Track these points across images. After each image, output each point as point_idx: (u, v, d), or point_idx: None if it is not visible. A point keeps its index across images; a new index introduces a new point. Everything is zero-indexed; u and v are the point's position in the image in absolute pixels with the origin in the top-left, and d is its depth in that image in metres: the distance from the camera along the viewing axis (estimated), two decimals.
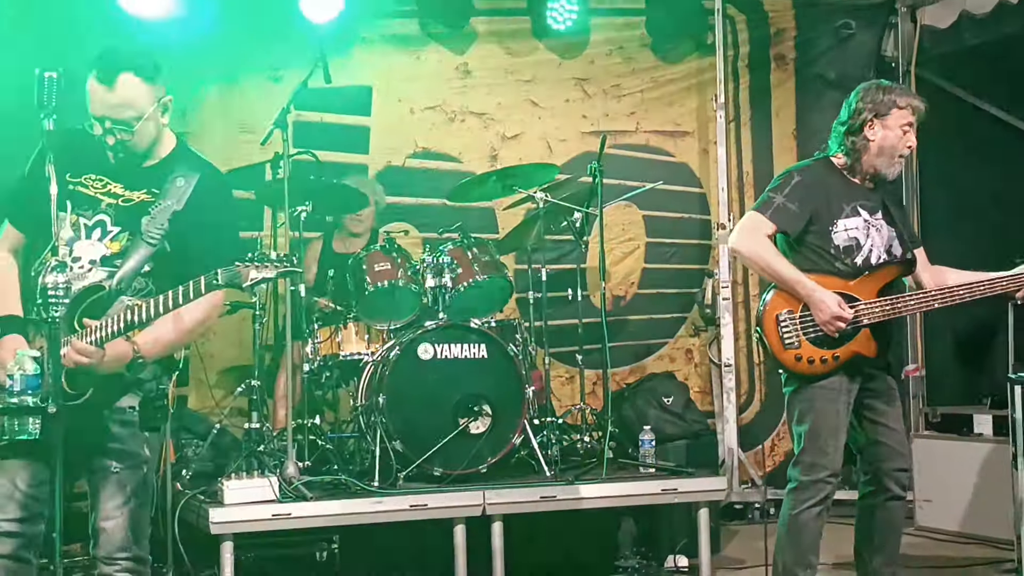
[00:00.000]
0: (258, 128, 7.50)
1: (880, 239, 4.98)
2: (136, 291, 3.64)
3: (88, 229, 3.67)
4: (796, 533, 4.92)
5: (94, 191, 3.69)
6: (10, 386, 3.39)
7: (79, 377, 3.49)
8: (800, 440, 4.96)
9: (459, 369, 6.26)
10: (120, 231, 3.63)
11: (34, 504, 3.64)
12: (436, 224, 7.81)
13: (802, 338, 4.86)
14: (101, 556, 3.71)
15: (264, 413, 6.67)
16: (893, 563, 5.13)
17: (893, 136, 4.93)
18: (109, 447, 3.66)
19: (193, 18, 7.53)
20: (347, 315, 6.68)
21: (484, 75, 8.42)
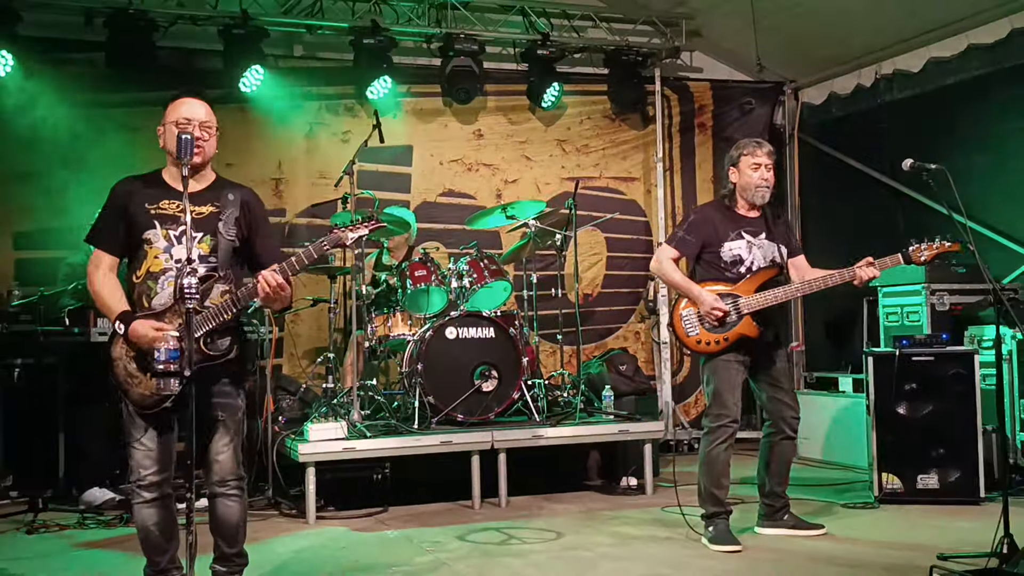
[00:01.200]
0: (331, 175, 7.56)
1: (761, 253, 4.96)
2: (228, 282, 3.61)
3: (177, 238, 3.59)
4: (711, 464, 4.91)
5: (172, 211, 3.60)
6: (157, 356, 3.37)
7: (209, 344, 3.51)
8: (709, 397, 4.97)
9: (475, 345, 6.28)
10: (203, 235, 3.57)
11: (165, 456, 3.63)
12: (458, 243, 7.85)
13: (700, 327, 4.87)
14: (216, 480, 3.68)
15: (336, 377, 6.65)
16: (783, 483, 5.12)
17: (746, 175, 4.95)
18: (218, 402, 3.64)
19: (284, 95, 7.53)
20: (395, 307, 6.67)
21: (492, 137, 8.41)
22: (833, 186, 8.45)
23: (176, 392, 3.36)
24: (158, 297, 3.55)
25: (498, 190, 8.37)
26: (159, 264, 3.58)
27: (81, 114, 6.89)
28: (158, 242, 3.58)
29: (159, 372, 3.34)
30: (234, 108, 7.37)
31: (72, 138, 6.87)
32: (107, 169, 6.60)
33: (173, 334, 3.37)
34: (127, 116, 7.12)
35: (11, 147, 6.87)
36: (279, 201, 7.70)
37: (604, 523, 5.51)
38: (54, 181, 6.83)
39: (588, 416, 6.56)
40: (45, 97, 6.86)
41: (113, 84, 7.00)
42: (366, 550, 4.98)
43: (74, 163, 6.79)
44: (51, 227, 6.86)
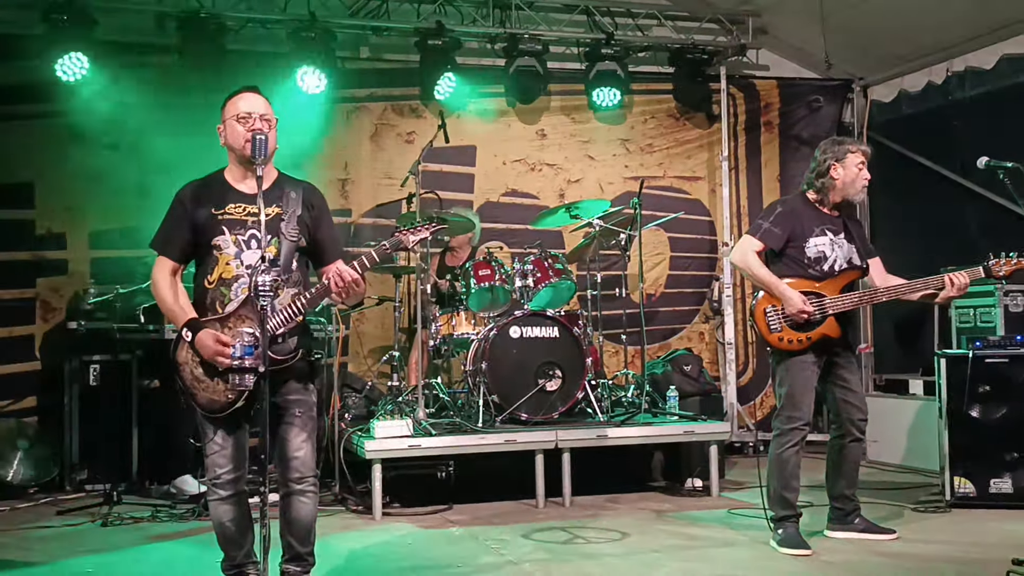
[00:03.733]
0: (396, 175, 7.64)
1: (842, 252, 4.90)
2: (294, 282, 3.61)
3: (246, 243, 3.60)
4: (781, 466, 4.85)
5: (239, 215, 3.61)
6: (233, 352, 3.43)
7: (281, 344, 3.53)
8: (781, 398, 4.90)
9: (538, 345, 6.29)
10: (271, 238, 3.54)
11: (239, 454, 3.68)
12: (521, 242, 7.88)
13: (783, 324, 4.81)
14: (294, 478, 3.68)
15: (401, 375, 6.73)
16: (853, 486, 5.05)
17: (852, 173, 4.88)
18: (293, 399, 3.66)
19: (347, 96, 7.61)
20: (460, 306, 6.71)
21: (555, 137, 8.42)
22: (903, 186, 8.28)
23: (251, 388, 3.42)
24: (233, 303, 3.57)
25: (561, 190, 8.37)
26: (231, 271, 3.60)
27: (155, 115, 7.04)
28: (228, 248, 3.60)
29: (235, 368, 3.41)
30: (300, 107, 7.47)
31: (146, 139, 7.02)
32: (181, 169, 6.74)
33: (248, 330, 3.43)
34: (199, 117, 7.24)
35: (88, 148, 7.06)
36: (345, 202, 7.79)
37: (670, 524, 5.48)
38: (130, 181, 7.00)
39: (652, 417, 6.54)
40: (120, 98, 7.02)
41: (185, 85, 7.14)
42: (432, 547, 5.03)
43: (149, 163, 6.94)
44: (127, 226, 7.02)
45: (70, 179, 7.10)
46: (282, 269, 3.53)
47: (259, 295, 3.36)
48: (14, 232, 7.09)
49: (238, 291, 3.58)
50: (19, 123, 7.06)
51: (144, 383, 6.65)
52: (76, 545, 5.11)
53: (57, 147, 7.07)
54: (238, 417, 3.62)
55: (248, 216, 3.61)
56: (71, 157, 7.08)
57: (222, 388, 3.52)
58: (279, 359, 3.51)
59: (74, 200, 7.15)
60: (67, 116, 7.02)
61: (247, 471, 3.74)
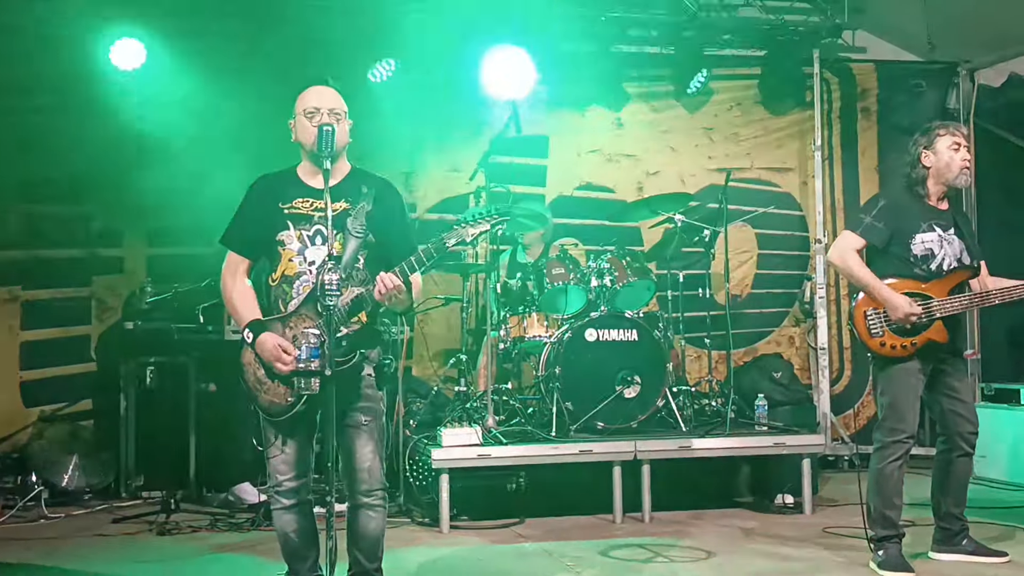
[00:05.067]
0: (463, 168, 7.67)
1: (952, 250, 4.77)
2: (359, 280, 3.61)
3: (311, 238, 3.64)
4: (883, 482, 4.75)
5: (305, 210, 3.66)
6: (299, 355, 3.46)
7: (344, 346, 3.55)
8: (883, 408, 4.79)
9: (616, 349, 6.26)
10: (337, 234, 3.56)
11: (302, 461, 3.71)
12: (596, 239, 7.84)
13: (885, 328, 4.70)
14: (362, 491, 3.69)
15: (469, 380, 6.75)
16: (961, 504, 4.91)
17: (946, 156, 4.75)
18: (360, 406, 3.68)
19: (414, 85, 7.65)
20: (531, 307, 6.71)
21: (633, 126, 8.37)
22: (1014, 176, 8.07)
23: (316, 392, 3.45)
24: (294, 302, 3.61)
25: (639, 183, 8.32)
26: (293, 267, 3.64)
27: (214, 107, 7.16)
28: (292, 244, 3.64)
29: (299, 371, 3.44)
30: (364, 98, 7.52)
31: (205, 131, 7.14)
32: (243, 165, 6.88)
33: (314, 331, 3.46)
34: (258, 108, 7.36)
35: (146, 142, 7.19)
36: (409, 196, 7.84)
37: (759, 543, 5.40)
38: (190, 175, 7.13)
39: (739, 427, 6.46)
40: (179, 89, 7.13)
41: (246, 75, 7.25)
42: (503, 564, 5.03)
43: (206, 157, 7.05)
44: (186, 223, 7.14)
45: (127, 173, 7.25)
46: (344, 266, 3.55)
47: (324, 294, 3.38)
48: (69, 229, 7.30)
49: (300, 289, 3.62)
50: (73, 113, 7.21)
51: (202, 386, 6.78)
52: (134, 555, 5.22)
53: (115, 139, 7.21)
54: (301, 423, 3.65)
55: (315, 211, 3.65)
56: (128, 150, 7.22)
57: (283, 391, 3.56)
58: (342, 360, 3.53)
59: (131, 195, 7.29)
60: (123, 107, 7.15)
61: (311, 479, 3.77)
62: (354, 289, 3.56)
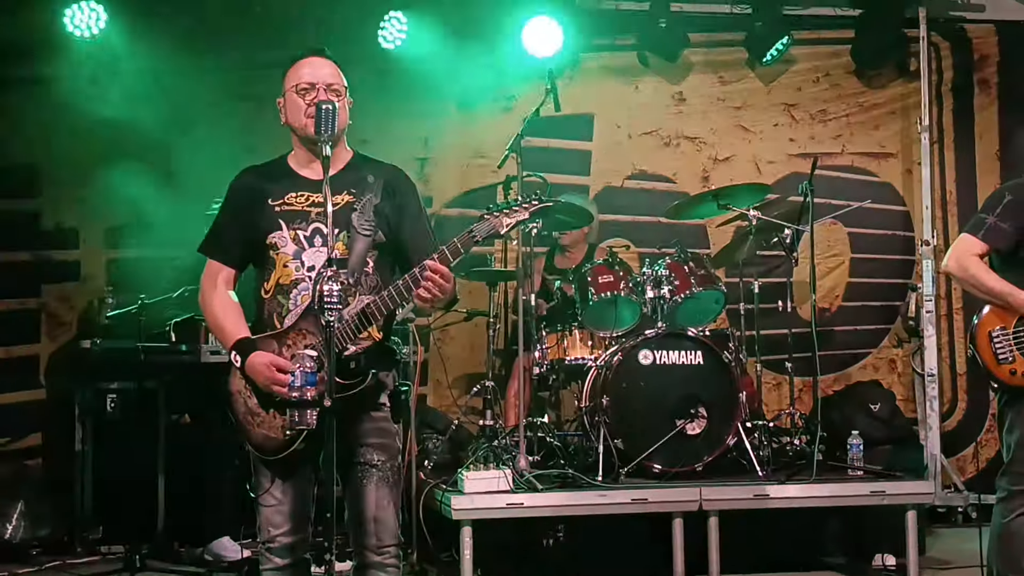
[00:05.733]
0: (490, 153, 7.68)
1: None
2: (369, 287, 3.63)
3: (308, 239, 3.65)
4: (1008, 540, 4.69)
5: (300, 205, 3.67)
6: (292, 381, 3.48)
7: (353, 368, 3.56)
8: (1010, 450, 4.72)
9: (676, 374, 6.25)
10: (338, 232, 3.56)
11: (300, 511, 3.70)
12: (652, 240, 7.86)
13: (1016, 353, 4.64)
14: (372, 546, 3.67)
15: (497, 411, 6.76)
16: None
17: None
18: (372, 442, 3.67)
19: (432, 54, 7.68)
20: (573, 323, 6.71)
21: (698, 102, 8.39)
22: None
23: (314, 427, 3.46)
24: (291, 316, 3.62)
25: (705, 171, 8.33)
26: (289, 275, 3.64)
27: (188, 80, 7.22)
28: (286, 247, 3.65)
29: (293, 401, 3.46)
30: (370, 70, 7.59)
31: (177, 110, 7.20)
32: (222, 148, 6.95)
33: (310, 352, 3.48)
34: (243, 82, 7.45)
35: (104, 121, 7.23)
36: (424, 187, 7.87)
37: None
38: (156, 164, 7.20)
39: (828, 471, 6.40)
40: (144, 60, 7.21)
41: (226, 42, 7.30)
42: None
43: (180, 141, 7.12)
44: (152, 220, 7.20)
45: (83, 161, 7.33)
46: (351, 270, 3.56)
47: (324, 307, 3.39)
48: (14, 227, 7.38)
49: (298, 300, 3.63)
50: (18, 90, 7.33)
51: (173, 418, 6.82)
52: None
53: (67, 121, 7.31)
54: (301, 463, 3.66)
55: (312, 206, 3.67)
56: (84, 132, 7.31)
57: (279, 424, 3.57)
58: (348, 385, 3.54)
59: (88, 187, 7.38)
60: (79, 81, 7.24)
61: (310, 533, 3.78)
62: (363, 298, 3.57)
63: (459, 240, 3.50)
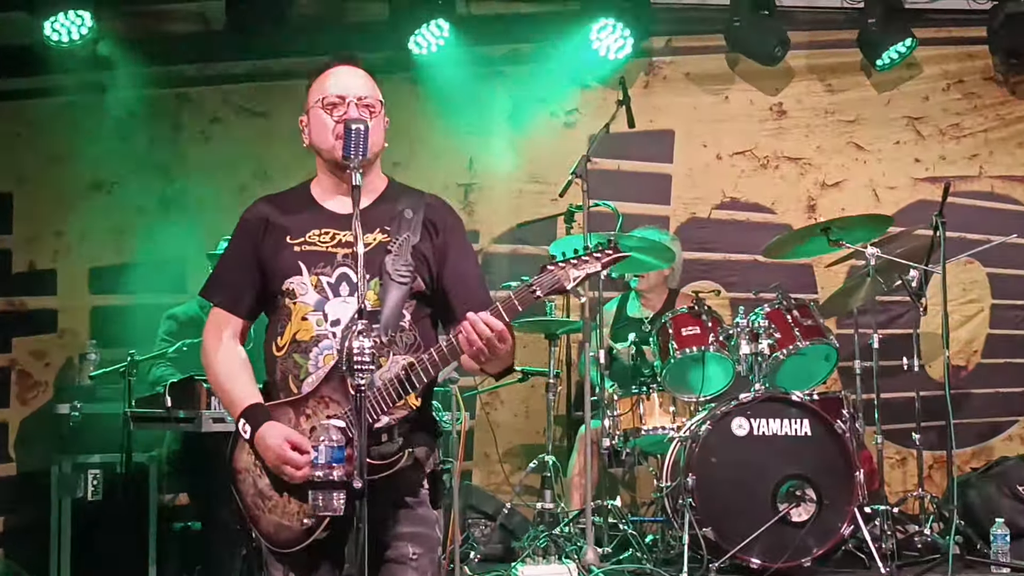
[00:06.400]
0: (548, 178, 7.71)
1: None
2: (405, 345, 3.60)
3: (332, 287, 3.62)
4: None
5: (325, 246, 3.65)
6: (315, 457, 3.45)
7: (385, 443, 3.54)
8: None
9: (779, 447, 6.22)
10: (370, 279, 3.53)
11: None
12: (746, 283, 7.82)
13: None
14: None
15: (558, 492, 6.72)
16: None
17: None
18: (407, 531, 3.64)
19: (476, 58, 7.75)
20: (651, 384, 6.68)
21: (801, 115, 8.38)
22: None
23: (340, 513, 3.44)
24: (311, 379, 3.59)
25: (811, 198, 8.31)
26: (309, 329, 3.62)
27: (187, 95, 7.29)
28: (306, 295, 3.63)
29: (317, 482, 3.44)
30: (402, 80, 7.64)
31: (175, 130, 7.26)
32: (229, 175, 7.00)
33: (336, 423, 3.46)
34: (253, 95, 7.51)
35: (89, 144, 7.34)
36: (469, 219, 7.90)
37: None
38: (149, 193, 7.25)
39: (967, 568, 6.34)
40: (136, 72, 7.30)
41: (233, 50, 7.37)
42: None
43: (179, 166, 7.17)
44: (145, 260, 7.27)
45: (63, 190, 7.41)
46: (385, 326, 3.53)
47: (353, 368, 3.38)
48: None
49: (319, 360, 3.60)
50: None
51: (168, 499, 6.84)
52: None
53: (44, 143, 7.40)
54: (320, 557, 3.63)
55: (338, 247, 3.66)
56: (65, 157, 7.40)
57: (296, 510, 3.56)
58: (380, 464, 3.53)
59: (69, 221, 7.46)
60: (59, 96, 7.35)
61: None
62: (398, 358, 3.57)
63: (516, 296, 3.45)
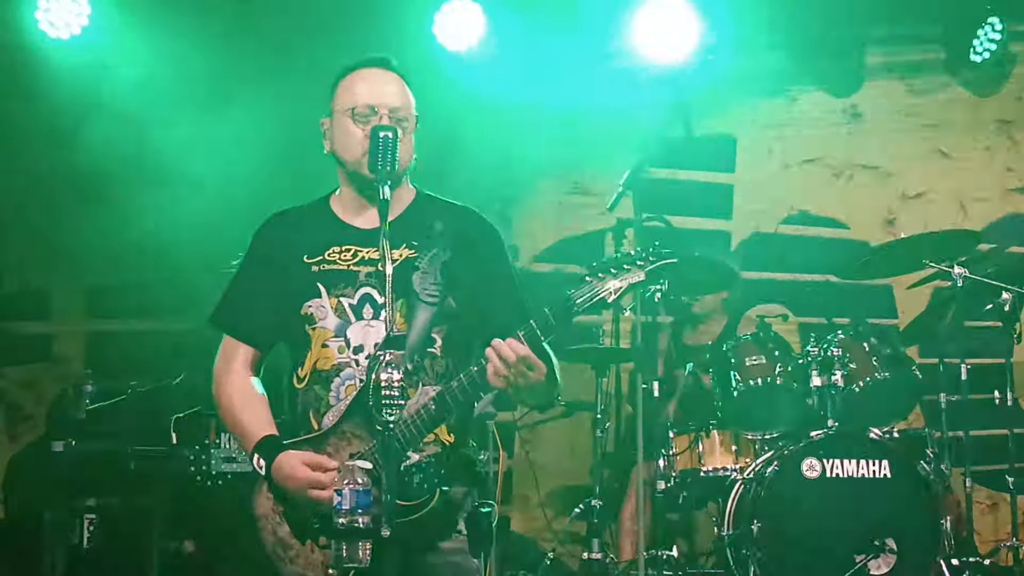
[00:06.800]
0: (596, 189, 7.73)
1: None
2: (436, 374, 3.62)
3: (355, 309, 3.66)
4: None
5: (346, 264, 3.68)
6: (338, 503, 3.46)
7: (416, 483, 3.57)
8: None
9: (854, 492, 6.19)
10: (398, 300, 3.54)
11: None
12: (818, 307, 7.77)
13: None
14: None
15: (607, 540, 6.72)
16: None
17: None
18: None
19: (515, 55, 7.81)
20: (710, 420, 6.67)
21: (878, 119, 8.38)
22: None
23: (367, 565, 3.45)
24: (331, 414, 3.62)
25: (890, 212, 8.30)
26: (330, 358, 3.65)
27: (196, 94, 7.33)
28: (325, 320, 3.66)
29: (339, 530, 3.45)
30: (428, 74, 7.63)
31: (182, 132, 7.29)
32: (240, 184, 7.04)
33: (363, 465, 3.47)
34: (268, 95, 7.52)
35: (86, 149, 7.36)
36: (507, 234, 7.86)
37: None
38: (154, 205, 7.29)
39: None
40: (138, 67, 7.36)
41: (245, 48, 7.44)
42: None
43: (185, 174, 7.20)
44: (147, 280, 7.32)
45: (56, 202, 7.46)
46: (411, 351, 3.54)
47: (380, 402, 3.39)
48: None
49: (341, 391, 3.63)
50: None
51: (173, 546, 6.86)
52: None
53: (36, 150, 7.50)
54: None
55: (361, 265, 3.69)
56: (59, 165, 7.47)
57: (319, 560, 3.57)
58: (409, 506, 3.53)
59: (63, 237, 7.51)
60: (53, 97, 7.40)
61: None
62: (427, 389, 3.59)
63: (551, 311, 3.43)
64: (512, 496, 7.82)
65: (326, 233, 3.75)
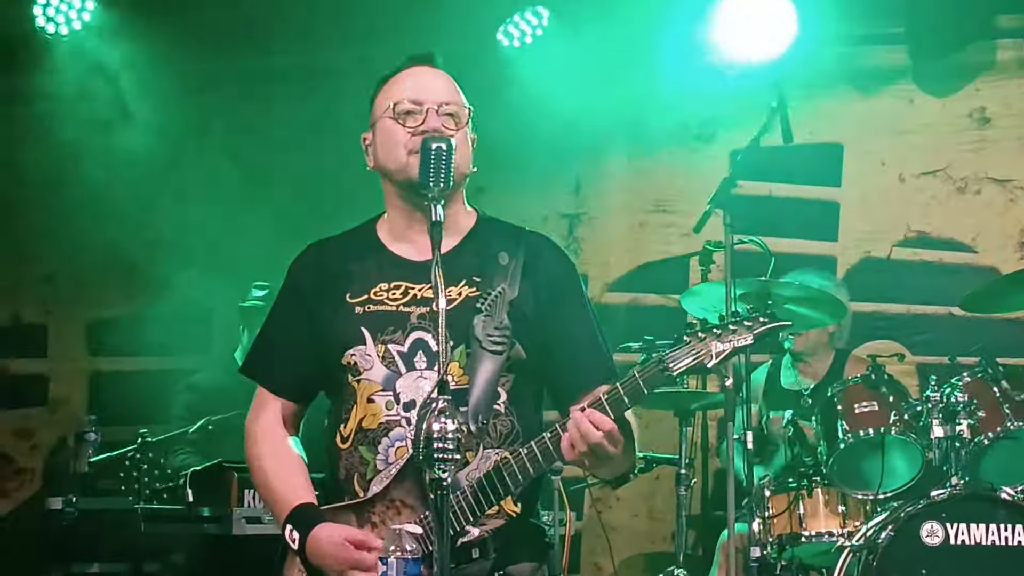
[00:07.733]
0: (678, 206, 7.74)
1: None
2: (501, 436, 3.61)
3: (405, 358, 3.64)
4: None
5: (395, 305, 3.67)
6: (383, 573, 3.49)
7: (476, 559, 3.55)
8: None
9: (984, 561, 6.11)
10: (454, 347, 3.51)
11: None
12: (940, 345, 7.75)
13: None
14: None
15: None
16: None
17: None
18: None
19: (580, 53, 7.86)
20: (812, 476, 6.67)
21: (1012, 125, 8.34)
22: None
23: None
24: (378, 480, 3.61)
25: (1022, 232, 8.28)
26: (377, 414, 3.65)
27: (213, 98, 7.41)
28: (371, 370, 3.66)
29: None
30: (486, 78, 7.69)
31: (201, 142, 7.37)
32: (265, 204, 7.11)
33: (412, 530, 3.49)
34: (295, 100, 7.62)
35: (88, 157, 7.46)
36: (574, 259, 7.86)
37: None
38: (163, 226, 7.36)
39: None
40: (146, 69, 7.47)
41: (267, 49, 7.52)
42: None
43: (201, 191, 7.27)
44: (158, 313, 7.39)
45: (55, 219, 7.54)
46: (475, 410, 3.54)
47: (432, 458, 3.38)
48: None
49: (390, 454, 3.63)
50: None
51: None
52: None
53: (31, 162, 7.62)
54: None
55: (412, 305, 3.69)
56: (59, 175, 7.56)
57: None
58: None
59: (62, 262, 7.58)
60: (50, 102, 7.52)
61: None
62: (490, 452, 3.60)
63: (642, 375, 3.41)
64: (580, 564, 7.81)
65: (372, 266, 3.75)
